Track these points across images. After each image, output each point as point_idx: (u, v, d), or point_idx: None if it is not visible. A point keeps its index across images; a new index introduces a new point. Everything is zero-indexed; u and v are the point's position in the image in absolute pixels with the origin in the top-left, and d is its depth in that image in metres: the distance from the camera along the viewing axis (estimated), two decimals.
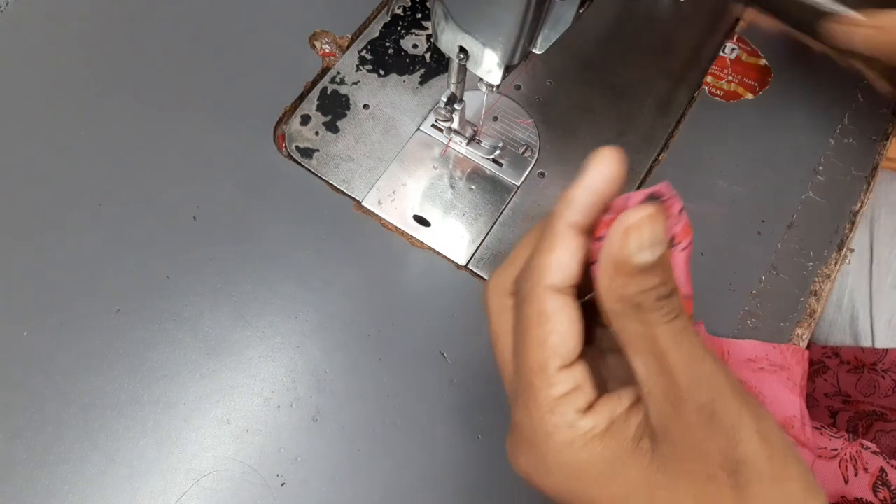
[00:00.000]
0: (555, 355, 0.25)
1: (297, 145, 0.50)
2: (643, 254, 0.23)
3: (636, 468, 0.25)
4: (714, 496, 0.24)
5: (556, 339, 0.25)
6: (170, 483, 0.40)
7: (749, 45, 0.55)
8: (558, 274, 0.26)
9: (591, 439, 0.25)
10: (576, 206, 0.26)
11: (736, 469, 0.24)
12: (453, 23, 0.36)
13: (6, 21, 0.52)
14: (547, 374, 0.25)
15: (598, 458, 0.25)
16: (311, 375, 0.43)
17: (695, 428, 0.24)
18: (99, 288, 0.44)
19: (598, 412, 0.25)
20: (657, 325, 0.24)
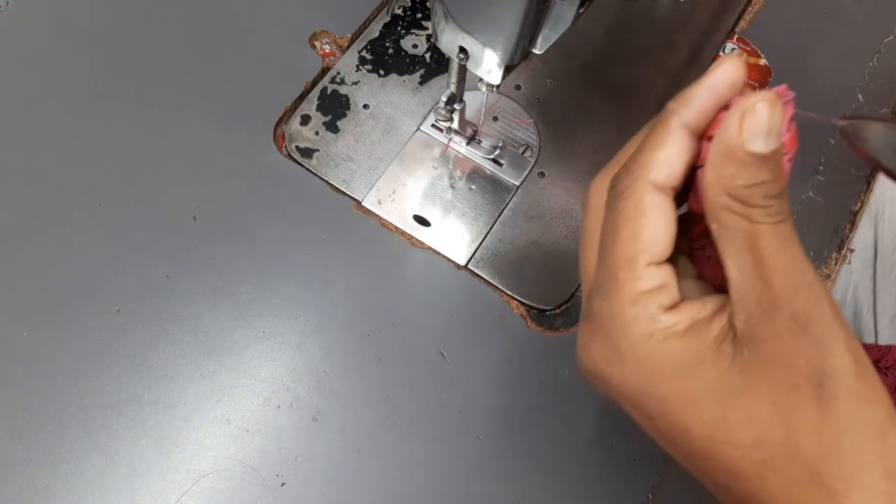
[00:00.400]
0: (645, 250, 0.25)
1: (297, 145, 0.50)
2: (757, 141, 0.23)
3: (714, 370, 0.24)
4: (795, 406, 0.24)
5: (649, 235, 0.25)
6: (170, 483, 0.40)
7: (749, 45, 0.55)
8: (663, 171, 0.25)
9: (672, 335, 0.25)
10: (693, 106, 0.25)
11: (822, 382, 0.23)
12: (453, 23, 0.36)
13: (6, 21, 0.52)
14: (635, 267, 0.25)
15: (675, 355, 0.25)
16: (311, 375, 0.43)
17: (786, 335, 0.23)
18: (99, 288, 0.44)
19: (681, 311, 0.25)
20: (762, 224, 0.23)
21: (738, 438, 0.24)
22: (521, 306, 0.46)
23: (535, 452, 0.42)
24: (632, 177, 0.26)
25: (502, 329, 0.45)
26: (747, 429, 0.24)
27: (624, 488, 0.42)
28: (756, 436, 0.24)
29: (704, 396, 0.25)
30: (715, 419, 0.24)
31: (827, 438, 0.23)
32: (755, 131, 0.23)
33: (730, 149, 0.23)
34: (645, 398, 0.26)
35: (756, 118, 0.23)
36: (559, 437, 0.42)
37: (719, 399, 0.24)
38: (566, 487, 0.41)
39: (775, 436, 0.24)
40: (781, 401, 0.24)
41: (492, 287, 0.46)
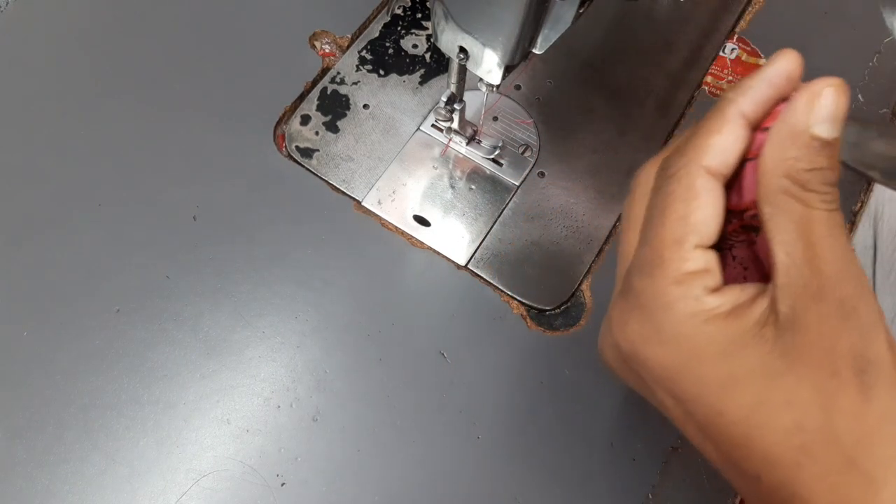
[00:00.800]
0: (694, 232, 0.25)
1: (297, 145, 0.50)
2: (823, 126, 0.23)
3: (755, 353, 0.24)
4: (835, 391, 0.24)
5: (700, 218, 0.25)
6: (170, 483, 0.40)
7: (749, 45, 0.55)
8: (717, 157, 0.25)
9: (715, 317, 0.25)
10: (751, 96, 0.25)
11: (864, 369, 0.24)
12: (453, 23, 0.36)
13: (6, 21, 0.52)
14: (682, 248, 0.25)
15: (717, 336, 0.25)
16: (311, 375, 0.43)
17: (831, 320, 0.24)
18: (99, 288, 0.44)
19: (724, 294, 0.25)
20: (817, 210, 0.24)
21: (776, 422, 0.24)
22: (521, 306, 0.46)
23: (535, 452, 0.42)
24: (685, 159, 0.26)
25: (502, 329, 0.45)
26: (786, 412, 0.24)
27: (624, 488, 0.42)
28: (794, 419, 0.24)
29: (744, 379, 0.24)
30: (753, 402, 0.24)
31: (866, 425, 0.23)
32: (821, 115, 0.23)
33: (796, 131, 0.23)
34: (682, 380, 0.26)
35: (823, 102, 0.23)
36: (559, 436, 0.42)
37: (759, 382, 0.24)
38: (566, 487, 0.41)
39: (814, 420, 0.24)
40: (822, 385, 0.24)
41: (492, 287, 0.46)
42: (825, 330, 0.24)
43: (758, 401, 0.24)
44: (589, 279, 0.47)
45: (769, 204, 0.24)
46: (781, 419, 0.24)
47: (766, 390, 0.24)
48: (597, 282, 0.47)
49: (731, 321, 0.25)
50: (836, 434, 0.24)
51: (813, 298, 0.24)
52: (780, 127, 0.24)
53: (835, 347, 0.24)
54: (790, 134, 0.24)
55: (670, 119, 0.52)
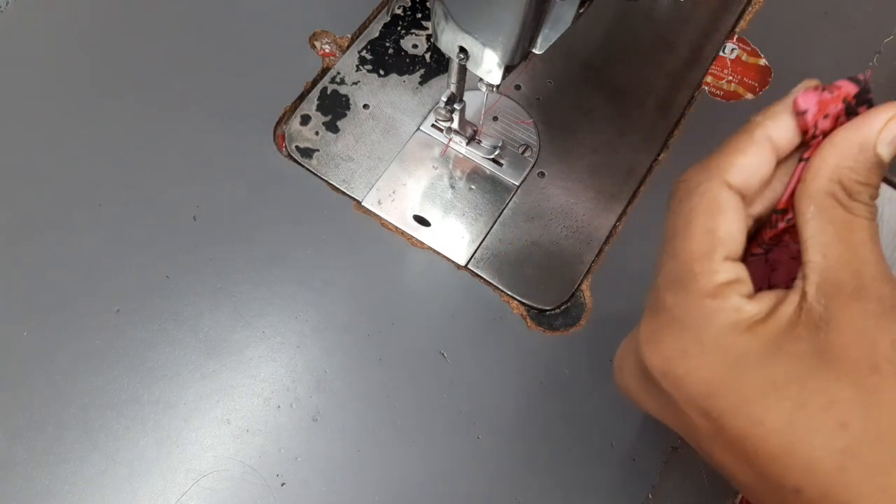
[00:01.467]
0: (722, 245, 0.25)
1: (297, 145, 0.50)
2: (889, 147, 0.24)
3: (791, 354, 0.24)
4: (876, 386, 0.23)
5: (725, 230, 0.26)
6: (170, 483, 0.40)
7: (749, 45, 0.55)
8: (741, 175, 0.26)
9: (755, 324, 0.25)
10: (780, 123, 0.26)
11: None
12: (453, 23, 0.36)
13: (6, 21, 0.52)
14: (711, 260, 0.25)
15: (756, 342, 0.25)
16: (311, 375, 0.43)
17: (871, 318, 0.24)
18: (99, 288, 0.44)
19: (759, 300, 0.25)
20: (860, 217, 0.24)
21: (817, 424, 0.24)
22: (521, 306, 0.46)
23: (535, 452, 0.42)
24: (708, 174, 0.26)
25: (502, 329, 0.45)
26: (828, 413, 0.24)
27: (624, 488, 0.42)
28: (837, 420, 0.23)
29: (783, 383, 0.24)
30: (793, 405, 0.24)
31: None
32: (891, 137, 0.24)
33: (864, 143, 0.24)
34: (722, 393, 0.25)
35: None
36: (559, 437, 0.42)
37: (798, 384, 0.24)
38: (566, 487, 0.41)
39: (857, 419, 0.23)
40: (863, 382, 0.23)
41: (492, 287, 0.46)
42: (865, 326, 0.24)
43: (798, 404, 0.24)
44: (589, 279, 0.47)
45: (813, 204, 0.25)
46: (823, 421, 0.24)
47: (806, 392, 0.24)
48: (597, 282, 0.47)
49: (768, 326, 0.25)
50: (881, 432, 0.23)
51: (851, 297, 0.24)
52: (847, 135, 0.25)
53: (876, 342, 0.23)
54: (857, 144, 0.25)
55: (670, 119, 0.52)
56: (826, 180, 0.25)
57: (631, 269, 0.47)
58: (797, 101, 0.26)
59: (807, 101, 0.26)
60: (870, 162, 0.25)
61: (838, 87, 0.26)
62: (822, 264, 0.25)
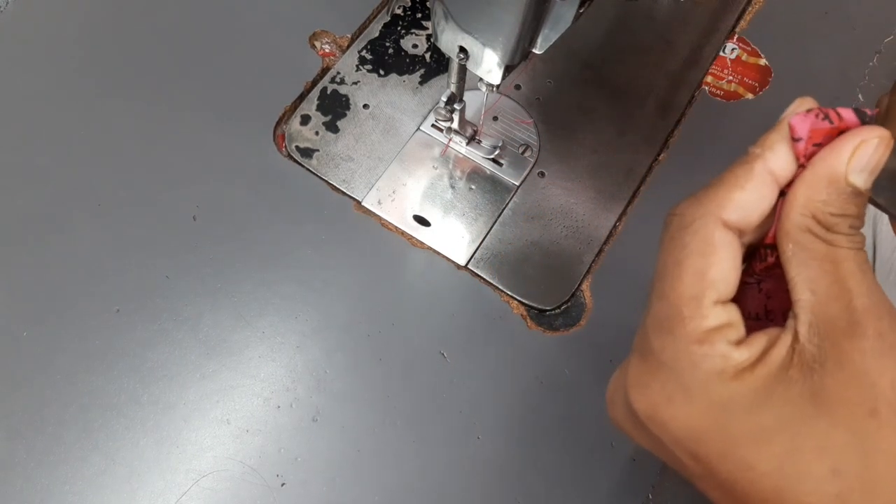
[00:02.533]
0: (712, 288, 0.24)
1: (297, 145, 0.50)
2: (861, 176, 0.23)
3: (783, 398, 0.23)
4: (874, 432, 0.22)
5: (717, 273, 0.24)
6: (170, 483, 0.40)
7: (749, 45, 0.55)
8: (738, 212, 0.25)
9: (743, 370, 0.24)
10: (779, 153, 0.25)
11: None
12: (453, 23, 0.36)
13: (6, 21, 0.52)
14: (701, 305, 0.24)
15: (745, 389, 0.24)
16: (311, 375, 0.43)
17: (869, 356, 0.22)
18: (99, 288, 0.44)
19: (749, 345, 0.24)
20: (843, 248, 0.23)
21: (809, 469, 0.23)
22: (521, 306, 0.46)
23: (535, 452, 0.42)
24: (704, 210, 0.25)
25: (502, 329, 0.45)
26: (821, 458, 0.23)
27: (624, 488, 0.42)
28: (831, 466, 0.23)
29: (774, 428, 0.23)
30: (785, 451, 0.23)
31: None
32: (861, 165, 0.23)
33: (833, 175, 0.23)
34: (709, 440, 0.25)
35: (866, 152, 0.23)
36: (559, 436, 0.42)
37: (790, 428, 0.23)
38: (566, 487, 0.41)
39: (852, 465, 0.22)
40: (860, 426, 0.22)
41: (492, 287, 0.46)
42: (863, 365, 0.22)
43: (789, 449, 0.23)
44: (589, 279, 0.47)
45: (792, 242, 0.24)
46: (816, 466, 0.23)
47: (798, 437, 0.23)
48: (597, 282, 0.47)
49: (758, 371, 0.24)
50: (876, 479, 0.22)
51: (846, 334, 0.23)
52: (816, 168, 0.24)
53: (875, 383, 0.22)
54: (827, 177, 0.23)
55: (670, 119, 0.52)
56: (799, 216, 0.24)
57: (631, 269, 0.47)
58: (794, 128, 0.25)
59: (802, 129, 0.25)
60: (843, 192, 0.23)
61: (839, 117, 0.25)
62: (812, 301, 0.23)
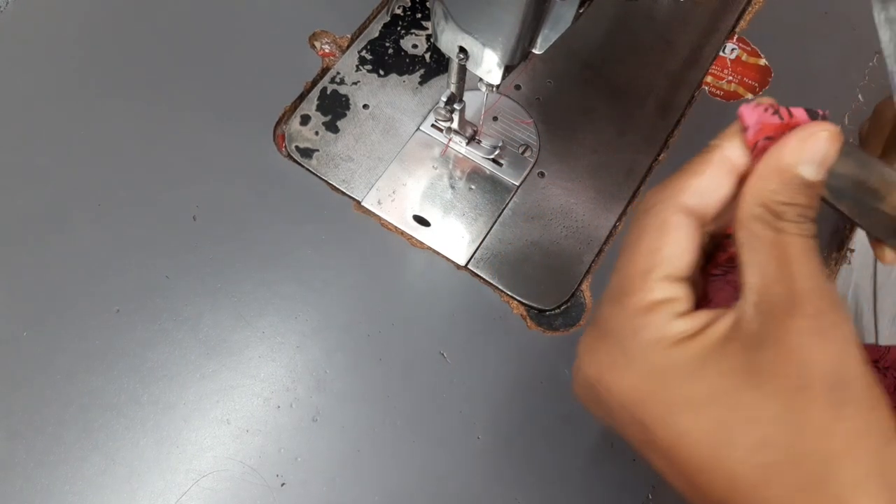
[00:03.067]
0: (662, 265, 0.26)
1: (297, 145, 0.50)
2: (809, 167, 0.24)
3: (718, 370, 0.25)
4: (804, 406, 0.23)
5: (668, 252, 0.26)
6: (170, 483, 0.40)
7: (749, 45, 0.55)
8: (695, 198, 0.26)
9: (681, 340, 0.25)
10: (734, 142, 0.27)
11: (836, 384, 0.23)
12: (453, 23, 0.36)
13: (6, 21, 0.52)
14: (648, 279, 0.26)
15: (684, 358, 0.25)
16: (311, 375, 0.43)
17: (805, 334, 0.24)
18: (99, 288, 0.44)
19: (693, 318, 0.25)
20: (791, 235, 0.25)
21: (739, 439, 0.24)
22: (521, 306, 0.46)
23: (535, 452, 0.42)
24: (663, 195, 0.27)
25: (502, 329, 0.45)
26: (751, 429, 0.24)
27: (624, 488, 0.42)
28: (760, 437, 0.24)
29: (708, 397, 0.25)
30: (717, 420, 0.24)
31: (837, 443, 0.23)
32: (809, 157, 0.24)
33: (781, 166, 0.25)
34: (647, 405, 0.26)
35: (814, 146, 0.24)
36: (559, 436, 0.42)
37: (723, 399, 0.24)
38: (566, 487, 0.41)
39: (781, 437, 0.23)
40: (791, 401, 0.23)
41: (492, 287, 0.46)
42: (799, 343, 0.24)
43: (721, 418, 0.24)
44: (589, 279, 0.47)
45: (743, 229, 0.25)
46: (746, 436, 0.24)
47: (730, 408, 0.24)
48: (597, 282, 0.47)
49: (697, 342, 0.25)
50: (803, 451, 0.23)
51: (787, 313, 0.24)
52: (767, 160, 0.25)
53: (807, 362, 0.23)
54: (776, 168, 0.25)
55: (670, 119, 0.52)
56: (750, 205, 0.25)
57: None
58: (742, 116, 0.26)
59: (750, 118, 0.26)
60: (792, 183, 0.25)
61: (790, 114, 0.26)
62: (759, 283, 0.25)
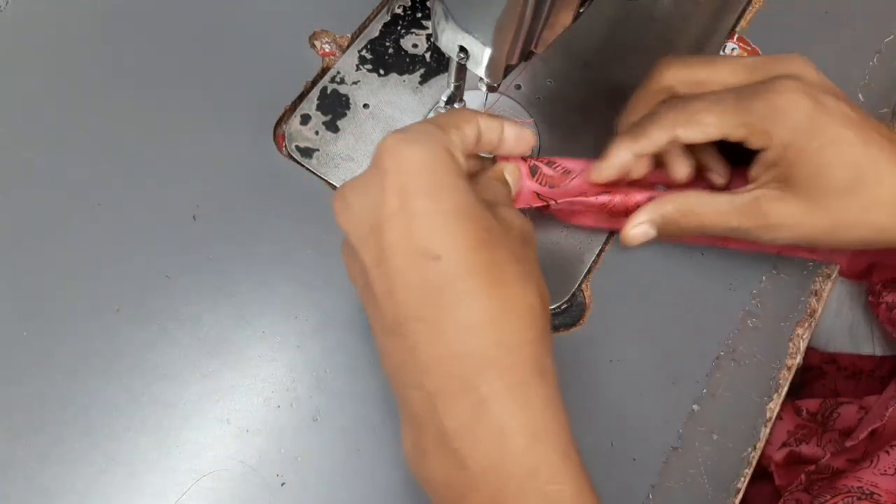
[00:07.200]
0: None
1: (297, 145, 0.50)
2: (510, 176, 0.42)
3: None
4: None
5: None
6: (170, 483, 0.40)
7: (749, 45, 0.55)
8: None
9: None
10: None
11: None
12: (453, 22, 0.36)
13: (6, 21, 0.52)
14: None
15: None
16: (311, 375, 0.43)
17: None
18: (99, 288, 0.44)
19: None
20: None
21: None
22: None
23: None
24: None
25: None
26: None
27: (624, 488, 0.42)
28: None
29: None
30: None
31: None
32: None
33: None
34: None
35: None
36: None
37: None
38: None
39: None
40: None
41: None
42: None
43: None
44: (589, 279, 0.47)
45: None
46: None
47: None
48: (597, 282, 0.47)
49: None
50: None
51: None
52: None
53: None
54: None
55: None
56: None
57: (631, 269, 0.47)
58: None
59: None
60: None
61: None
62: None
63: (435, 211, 0.30)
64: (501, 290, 0.30)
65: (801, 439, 0.52)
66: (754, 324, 0.46)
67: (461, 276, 0.30)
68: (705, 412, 0.44)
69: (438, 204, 0.30)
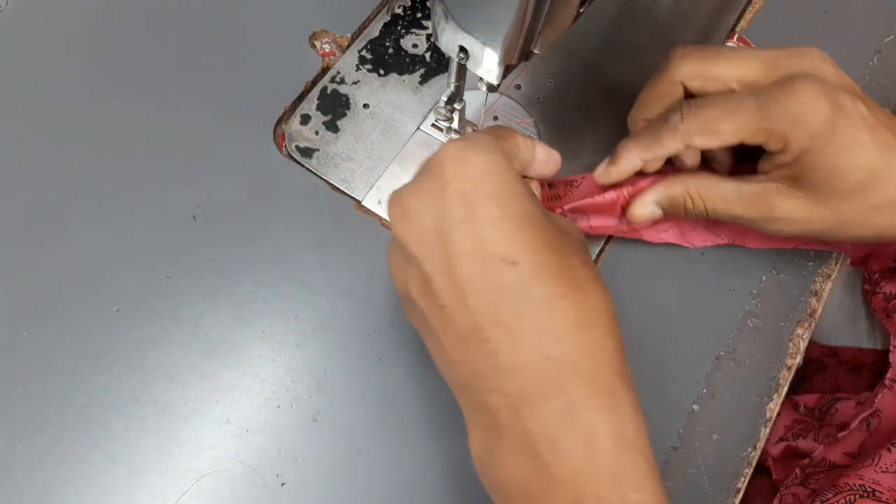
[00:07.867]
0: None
1: (297, 145, 0.50)
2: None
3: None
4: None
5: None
6: (170, 483, 0.40)
7: (750, 45, 0.55)
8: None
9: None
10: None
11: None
12: (453, 22, 0.36)
13: (6, 21, 0.52)
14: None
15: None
16: (311, 375, 0.43)
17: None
18: (99, 288, 0.44)
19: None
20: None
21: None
22: None
23: None
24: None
25: None
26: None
27: None
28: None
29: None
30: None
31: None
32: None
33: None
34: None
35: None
36: None
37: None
38: None
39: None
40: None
41: None
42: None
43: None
44: None
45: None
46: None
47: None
48: None
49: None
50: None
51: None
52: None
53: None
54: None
55: None
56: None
57: (631, 268, 0.47)
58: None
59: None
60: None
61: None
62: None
63: (503, 217, 0.30)
64: (579, 296, 0.30)
65: (798, 434, 0.52)
66: (754, 324, 0.46)
67: (539, 280, 0.29)
68: (705, 412, 0.44)
69: (506, 210, 0.30)
